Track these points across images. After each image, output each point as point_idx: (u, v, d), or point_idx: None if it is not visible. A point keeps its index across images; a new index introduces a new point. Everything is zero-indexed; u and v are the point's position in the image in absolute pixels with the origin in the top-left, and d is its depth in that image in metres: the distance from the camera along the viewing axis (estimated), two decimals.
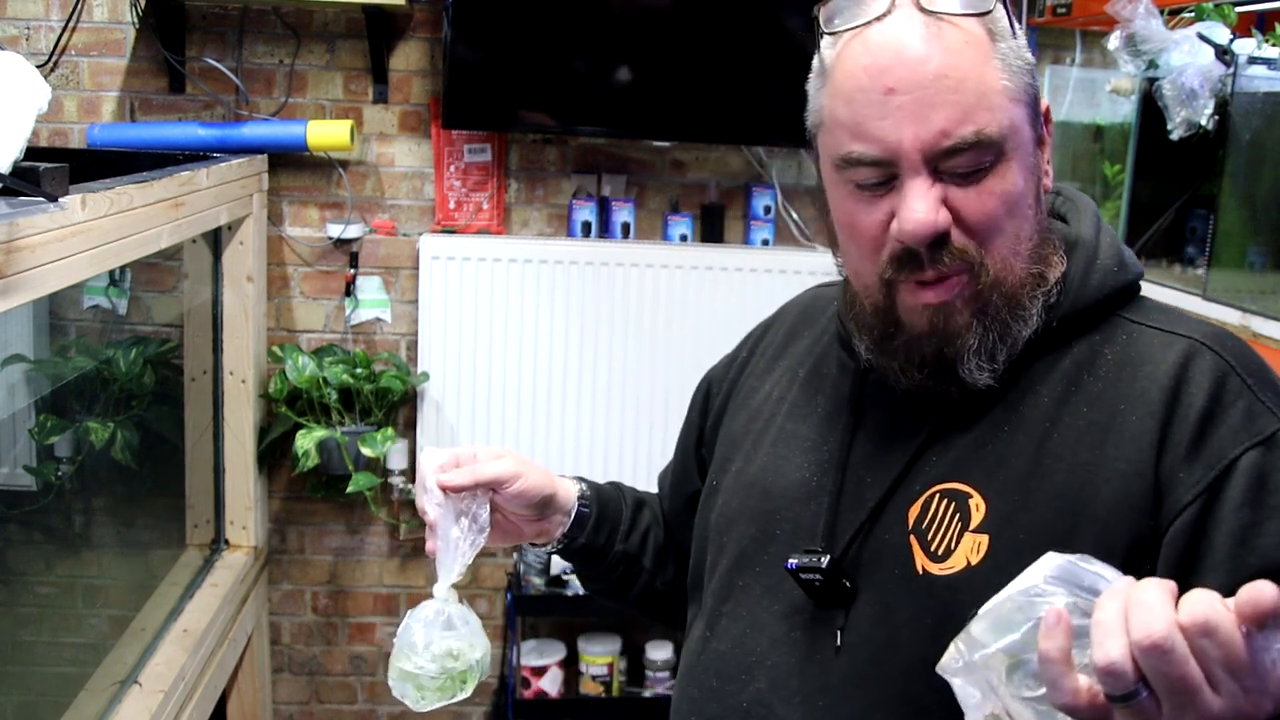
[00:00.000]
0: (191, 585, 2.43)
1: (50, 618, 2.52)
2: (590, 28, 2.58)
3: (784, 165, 2.80)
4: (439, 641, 1.07)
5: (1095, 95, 2.40)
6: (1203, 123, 1.90)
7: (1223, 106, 1.89)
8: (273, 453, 2.72)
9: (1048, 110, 0.99)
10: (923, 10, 0.92)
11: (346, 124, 2.59)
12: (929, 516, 0.97)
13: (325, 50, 2.69)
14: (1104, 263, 1.00)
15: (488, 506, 1.10)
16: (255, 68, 2.68)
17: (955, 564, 0.95)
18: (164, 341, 2.66)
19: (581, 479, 1.21)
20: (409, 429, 2.82)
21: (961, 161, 0.91)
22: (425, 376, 2.74)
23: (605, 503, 1.21)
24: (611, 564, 1.23)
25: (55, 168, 1.48)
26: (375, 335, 2.81)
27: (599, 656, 2.85)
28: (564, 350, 2.75)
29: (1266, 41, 1.90)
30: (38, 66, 1.65)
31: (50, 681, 2.33)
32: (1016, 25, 0.96)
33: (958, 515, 0.96)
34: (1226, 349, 0.96)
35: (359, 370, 2.67)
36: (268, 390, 2.67)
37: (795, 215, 2.81)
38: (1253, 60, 1.86)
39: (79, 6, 2.58)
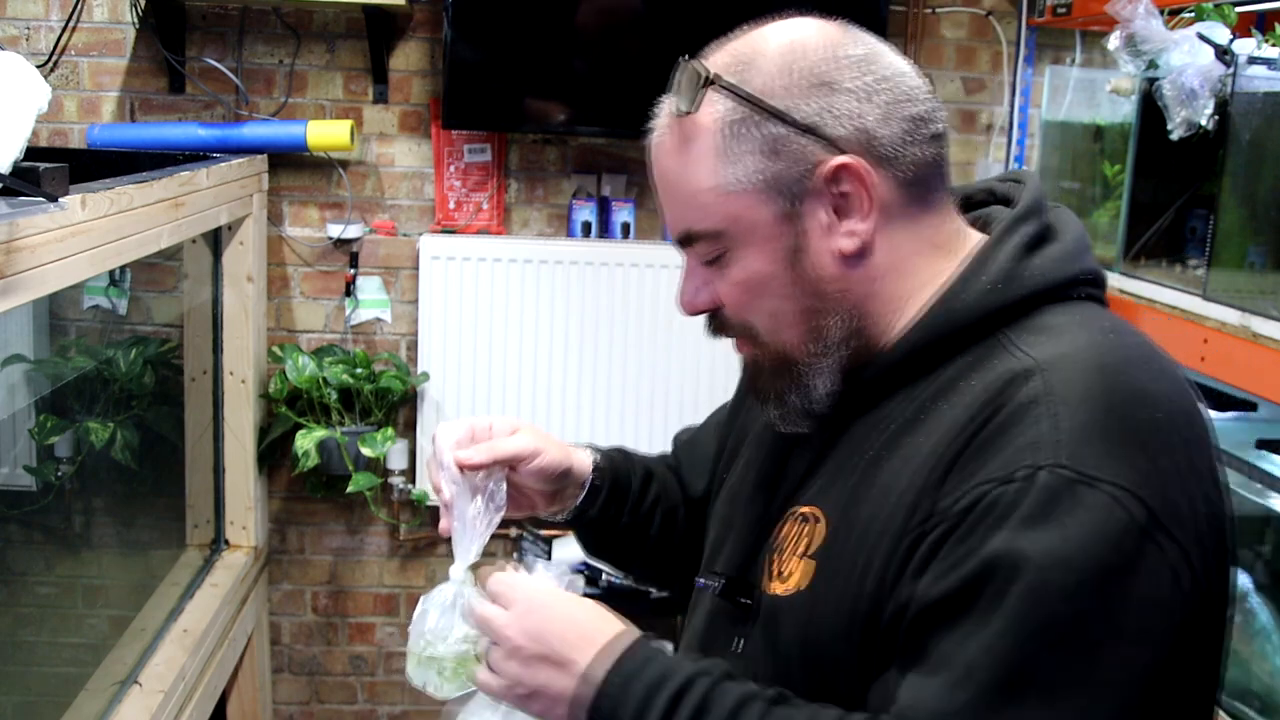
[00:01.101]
0: (191, 585, 2.43)
1: (50, 618, 2.52)
2: (590, 27, 2.58)
3: None
4: (458, 626, 1.05)
5: (1095, 95, 2.40)
6: (1203, 123, 1.90)
7: (1223, 106, 1.89)
8: (273, 453, 2.72)
9: (846, 166, 0.92)
10: (667, 114, 0.98)
11: (346, 124, 2.60)
12: (784, 537, 1.00)
13: (325, 50, 2.69)
14: (982, 283, 0.94)
15: (504, 484, 1.10)
16: (255, 68, 2.68)
17: (789, 586, 0.97)
18: (164, 341, 2.66)
19: (594, 448, 1.22)
20: (409, 429, 2.82)
21: (697, 251, 0.98)
22: (425, 376, 2.74)
23: (617, 475, 1.22)
24: (617, 536, 1.24)
25: (55, 168, 1.47)
26: (375, 335, 2.81)
27: None
28: (564, 350, 2.75)
29: (1266, 41, 1.90)
30: (38, 66, 1.65)
31: (50, 681, 2.33)
32: (766, 106, 0.93)
33: (804, 538, 0.98)
34: (1055, 374, 0.87)
35: (359, 370, 2.67)
36: (268, 390, 2.67)
37: None
38: (1253, 60, 1.86)
39: (79, 6, 2.58)
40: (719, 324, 1.02)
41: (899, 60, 0.97)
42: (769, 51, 0.94)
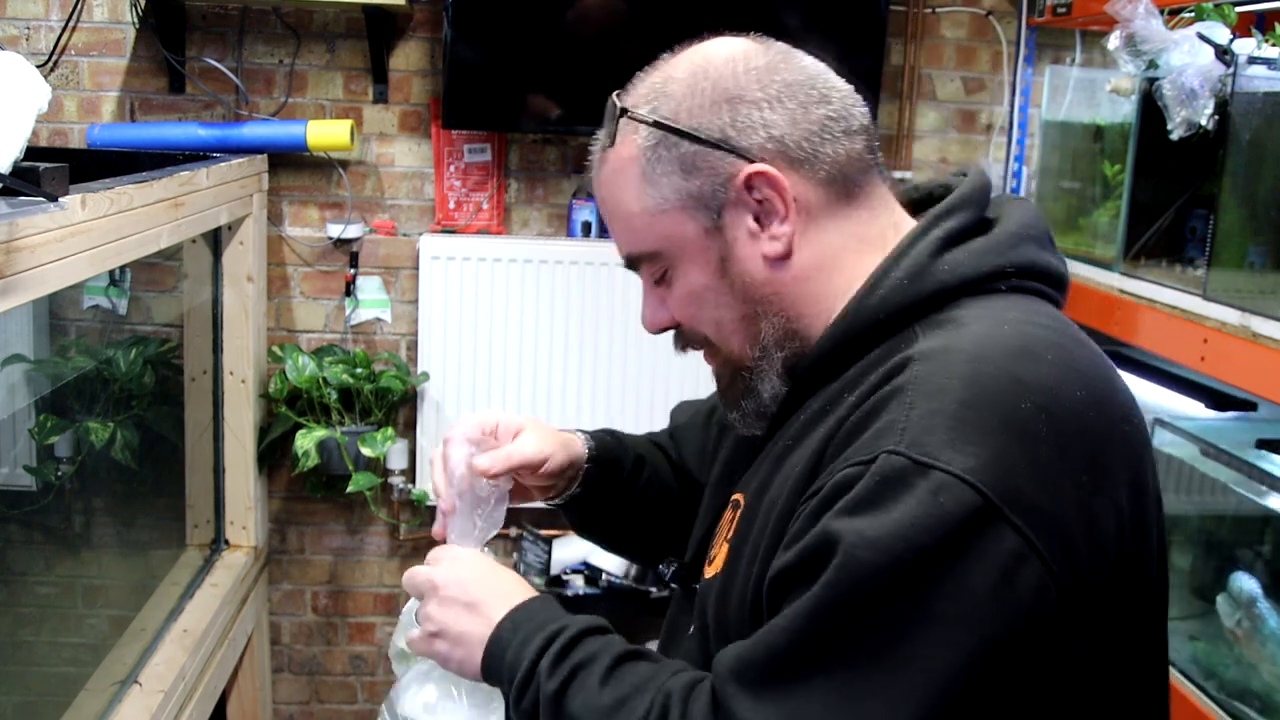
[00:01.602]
0: (191, 585, 2.43)
1: (50, 618, 2.52)
2: (590, 27, 2.58)
3: None
4: None
5: (1095, 95, 2.40)
6: (1203, 123, 1.90)
7: (1223, 106, 1.89)
8: (273, 453, 2.72)
9: (758, 174, 0.96)
10: (598, 149, 1.04)
11: (346, 124, 2.60)
12: (721, 524, 1.06)
13: (325, 50, 2.69)
14: (894, 278, 0.96)
15: (509, 490, 1.13)
16: (255, 68, 2.68)
17: (713, 569, 1.04)
18: (164, 341, 2.66)
19: (587, 434, 1.26)
20: (409, 429, 2.82)
21: (645, 273, 1.05)
22: (425, 376, 2.74)
23: (609, 460, 1.26)
24: (607, 518, 1.29)
25: (55, 168, 1.47)
26: (375, 335, 2.81)
27: None
28: (564, 350, 2.75)
29: (1266, 41, 1.90)
30: (38, 66, 1.65)
31: (50, 681, 2.33)
32: (676, 129, 0.97)
33: (731, 524, 1.03)
34: (926, 364, 0.88)
35: (359, 370, 2.67)
36: (268, 390, 2.67)
37: None
38: (1253, 60, 1.86)
39: (79, 6, 2.58)
40: (681, 339, 1.08)
41: (810, 64, 1.01)
42: (677, 76, 1.00)
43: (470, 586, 1.04)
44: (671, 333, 1.08)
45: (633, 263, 1.05)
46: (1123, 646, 0.91)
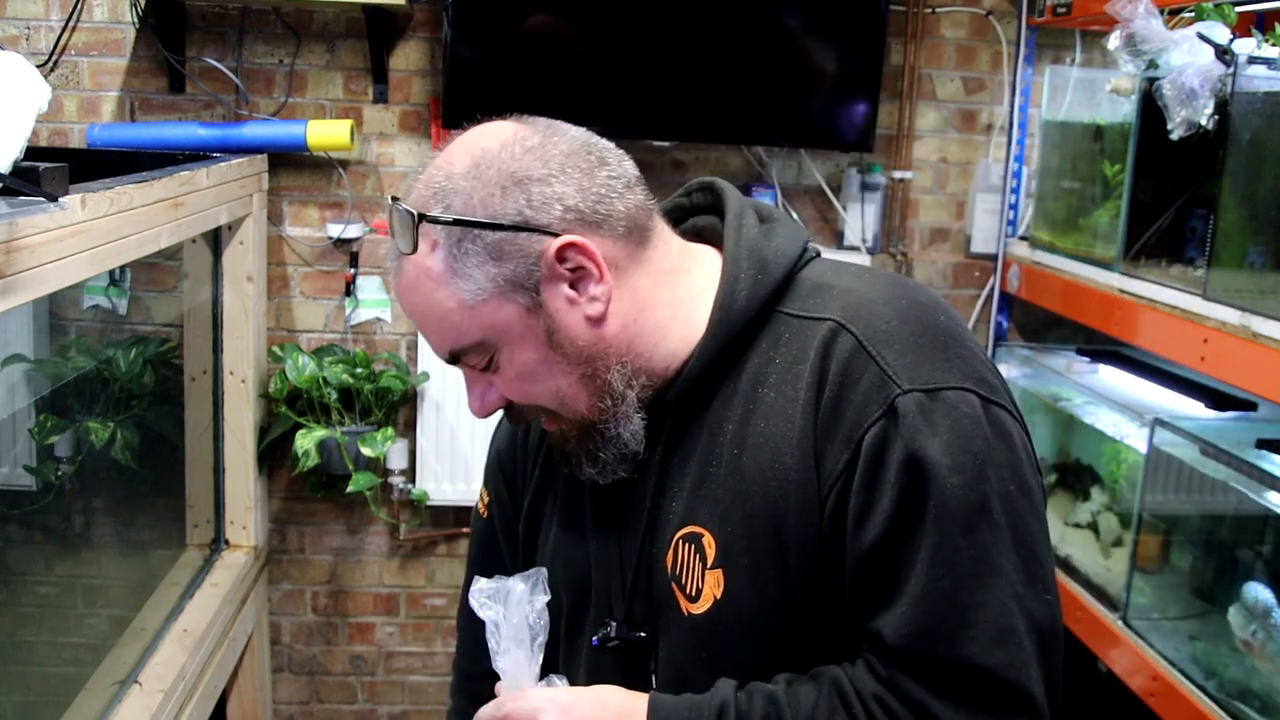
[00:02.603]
0: (191, 585, 2.43)
1: (50, 618, 2.52)
2: (590, 27, 2.58)
3: (784, 165, 2.80)
4: None
5: (1095, 95, 2.40)
6: (1203, 123, 1.90)
7: (1223, 106, 1.89)
8: (273, 453, 2.72)
9: (570, 245, 1.00)
10: (396, 257, 1.04)
11: (346, 124, 2.60)
12: (679, 562, 1.06)
13: (325, 50, 2.69)
14: (745, 277, 1.05)
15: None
16: (255, 68, 2.68)
17: (706, 601, 1.04)
18: (164, 341, 2.66)
19: None
20: (409, 429, 2.82)
21: (469, 363, 1.05)
22: (425, 376, 2.73)
23: None
24: None
25: (55, 168, 1.47)
26: (375, 335, 2.81)
27: None
28: None
29: (1266, 41, 1.90)
30: (38, 66, 1.65)
31: (50, 681, 2.33)
32: (473, 223, 0.99)
33: (698, 556, 1.04)
34: (858, 322, 1.00)
35: (359, 370, 2.66)
36: (268, 390, 2.67)
37: (795, 215, 2.81)
38: (1253, 60, 1.86)
39: (79, 6, 2.58)
40: (514, 414, 1.10)
41: (576, 131, 1.05)
42: (457, 172, 1.01)
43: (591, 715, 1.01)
44: (501, 411, 1.10)
45: (456, 357, 1.05)
46: None
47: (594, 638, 1.12)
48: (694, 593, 1.05)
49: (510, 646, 1.05)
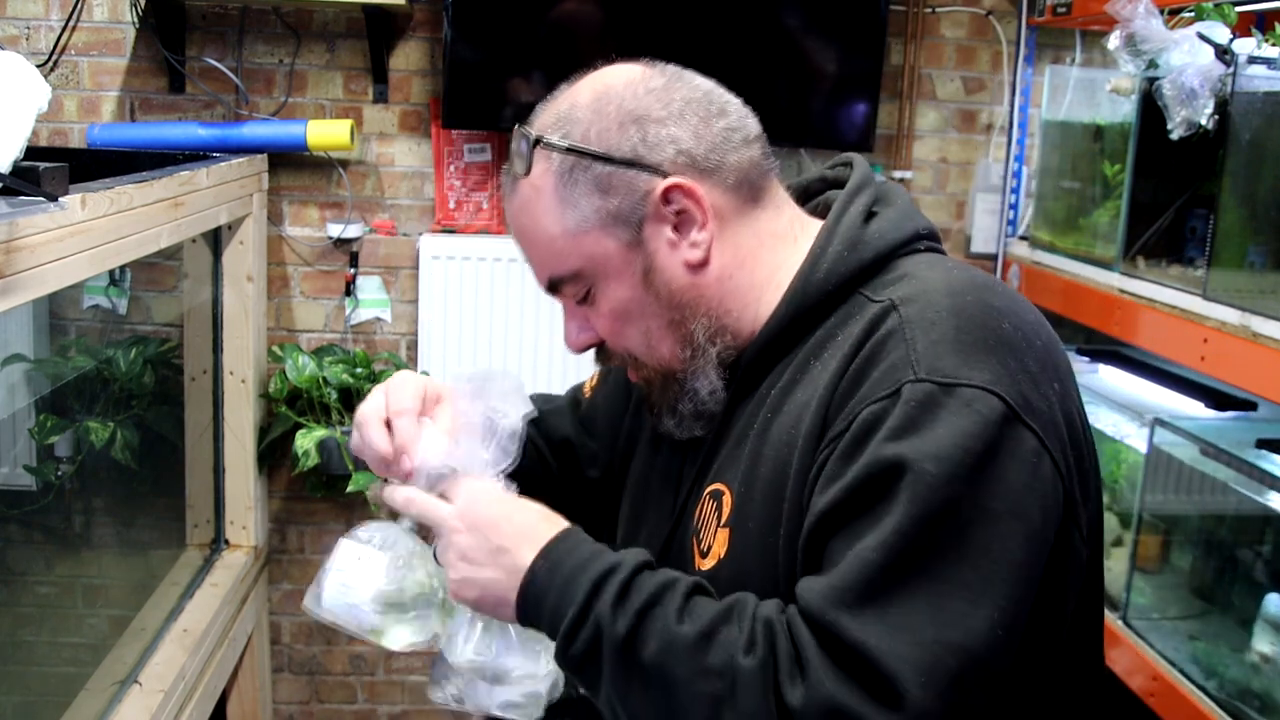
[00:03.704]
0: (191, 585, 2.43)
1: (50, 618, 2.52)
2: (590, 27, 2.58)
3: (784, 165, 2.79)
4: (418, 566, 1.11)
5: (1095, 95, 2.40)
6: (1203, 122, 1.90)
7: (1223, 106, 1.89)
8: (273, 452, 2.72)
9: (674, 187, 1.02)
10: (511, 175, 1.07)
11: (346, 124, 2.60)
12: (702, 516, 1.09)
13: (325, 50, 2.69)
14: (833, 251, 1.05)
15: (527, 419, 1.14)
16: (255, 67, 2.68)
17: (712, 559, 1.06)
18: (164, 341, 2.66)
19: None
20: None
21: (566, 294, 1.09)
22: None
23: None
24: None
25: (55, 167, 1.47)
26: (375, 335, 2.81)
27: None
28: (564, 350, 2.74)
29: (1266, 41, 1.90)
30: (38, 66, 1.65)
31: (50, 681, 2.33)
32: (588, 152, 1.02)
33: (716, 512, 1.06)
34: (911, 306, 0.98)
35: (359, 370, 2.66)
36: (268, 390, 2.67)
37: None
38: (1253, 60, 1.86)
39: (79, 6, 2.58)
40: (604, 355, 1.14)
41: (702, 81, 1.07)
42: (581, 103, 1.05)
43: (491, 529, 1.02)
44: (593, 350, 1.14)
45: (555, 286, 1.09)
46: (1092, 542, 1.03)
47: None
48: (705, 548, 1.07)
49: (462, 439, 1.07)
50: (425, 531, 1.12)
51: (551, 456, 1.38)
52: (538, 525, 1.03)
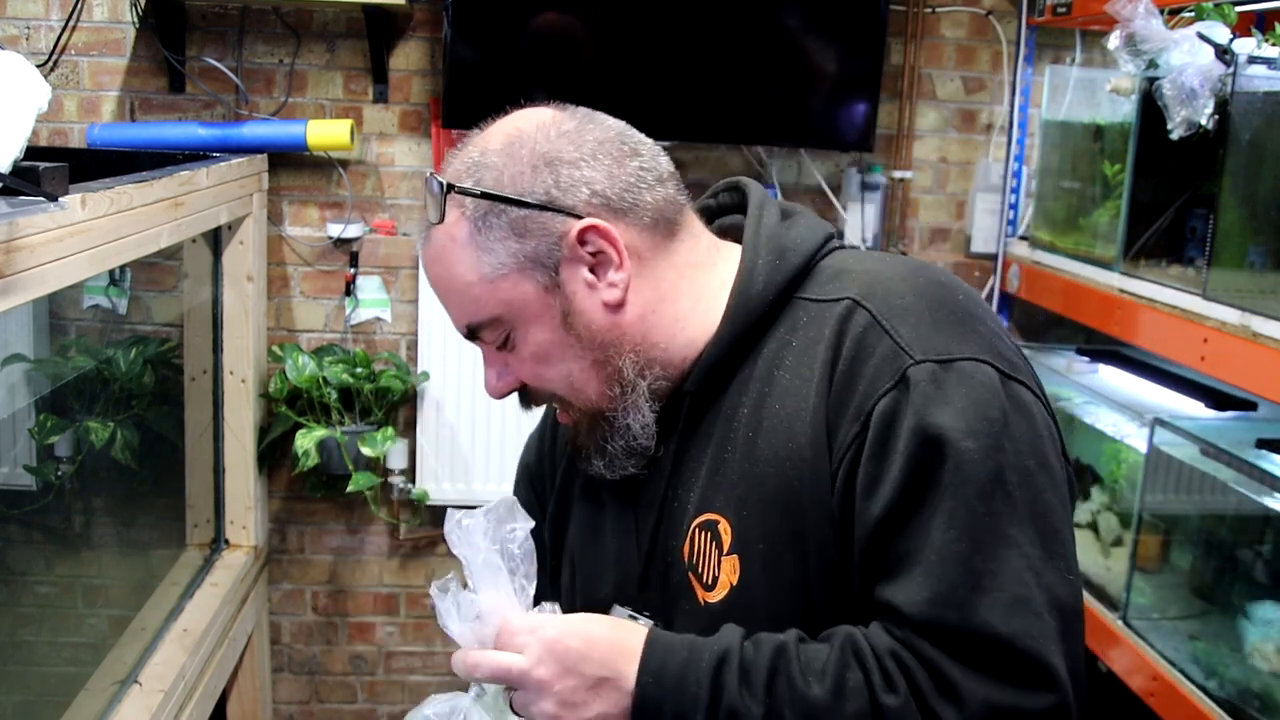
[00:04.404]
0: (191, 585, 2.43)
1: (50, 618, 2.52)
2: (590, 27, 2.58)
3: (784, 165, 2.80)
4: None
5: (1095, 95, 2.40)
6: (1203, 122, 1.90)
7: (1223, 106, 1.89)
8: (273, 452, 2.72)
9: (588, 229, 1.01)
10: (426, 227, 1.06)
11: (346, 124, 2.60)
12: (696, 551, 1.07)
13: (325, 50, 2.69)
14: (764, 263, 1.06)
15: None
16: (255, 67, 2.68)
17: (722, 589, 1.04)
18: (164, 341, 2.66)
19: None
20: (409, 429, 2.82)
21: (485, 339, 1.07)
22: (425, 376, 2.73)
23: None
24: None
25: (55, 167, 1.47)
26: (375, 335, 2.81)
27: None
28: None
29: (1266, 41, 1.90)
30: (38, 66, 1.65)
31: (50, 681, 2.33)
32: (501, 197, 1.01)
33: (714, 543, 1.04)
34: (874, 299, 1.00)
35: (359, 370, 2.66)
36: (268, 390, 2.67)
37: None
38: (1253, 60, 1.86)
39: (79, 6, 2.58)
40: (528, 399, 1.11)
41: (614, 122, 1.08)
42: (493, 149, 1.04)
43: (581, 663, 0.97)
44: (516, 394, 1.11)
45: (474, 332, 1.07)
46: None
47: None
48: (710, 581, 1.05)
49: (486, 580, 1.00)
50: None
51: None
52: (615, 639, 0.99)
